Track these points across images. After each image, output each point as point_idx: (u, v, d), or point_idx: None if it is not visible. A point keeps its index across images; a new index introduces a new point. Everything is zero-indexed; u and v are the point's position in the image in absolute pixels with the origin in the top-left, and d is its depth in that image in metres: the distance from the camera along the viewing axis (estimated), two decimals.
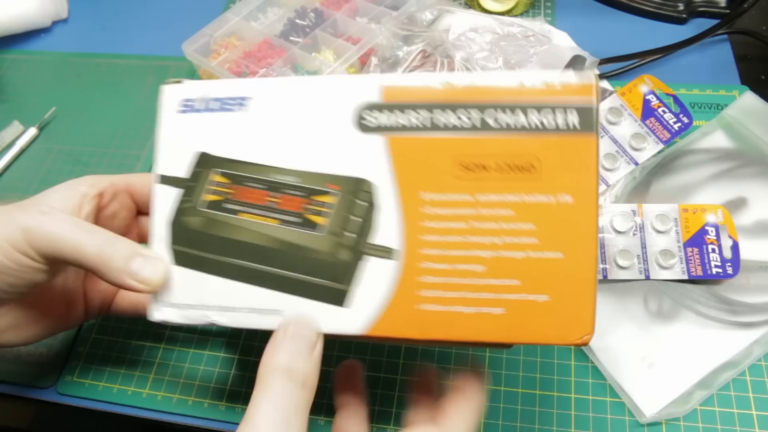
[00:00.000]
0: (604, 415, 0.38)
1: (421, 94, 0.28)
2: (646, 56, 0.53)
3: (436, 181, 0.28)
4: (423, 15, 0.54)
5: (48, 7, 0.65)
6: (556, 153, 0.27)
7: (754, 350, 0.38)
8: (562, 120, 0.27)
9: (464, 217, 0.27)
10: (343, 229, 0.29)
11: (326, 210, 0.29)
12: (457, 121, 0.28)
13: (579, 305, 0.26)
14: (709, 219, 0.41)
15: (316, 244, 0.29)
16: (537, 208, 0.27)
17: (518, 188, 0.27)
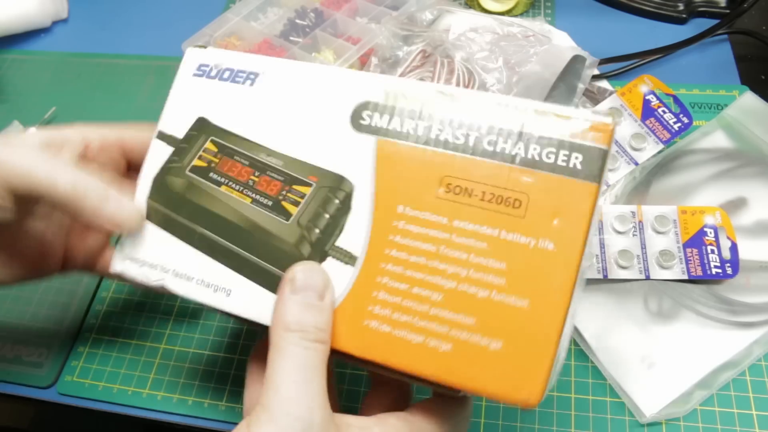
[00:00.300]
0: (604, 415, 0.38)
1: (423, 103, 0.27)
2: (646, 56, 0.53)
3: (415, 195, 0.26)
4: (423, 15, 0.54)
5: (48, 7, 0.65)
6: (547, 194, 0.25)
7: (754, 350, 0.38)
8: (563, 159, 0.25)
9: (435, 240, 0.26)
10: (312, 223, 0.28)
11: (300, 200, 0.28)
12: (451, 137, 0.26)
13: (533, 362, 0.24)
14: (708, 221, 0.41)
15: (282, 232, 0.28)
16: (513, 248, 0.25)
17: (498, 222, 0.25)
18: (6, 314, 0.46)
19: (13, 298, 0.46)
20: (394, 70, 0.49)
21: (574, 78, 0.48)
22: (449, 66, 0.46)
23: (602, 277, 0.41)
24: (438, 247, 0.25)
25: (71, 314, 0.45)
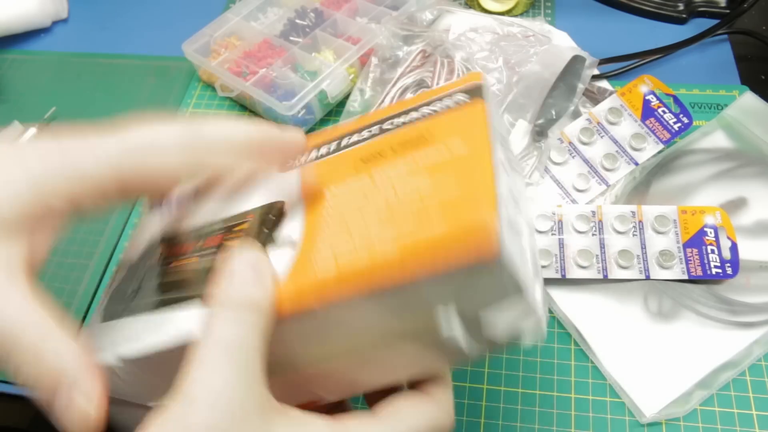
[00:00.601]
0: (604, 415, 0.38)
1: (335, 132, 0.30)
2: (646, 56, 0.53)
3: (337, 178, 0.27)
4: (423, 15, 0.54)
5: (48, 7, 0.65)
6: (445, 122, 0.27)
7: (754, 350, 0.38)
8: (450, 101, 0.28)
9: (362, 192, 0.26)
10: (256, 237, 0.27)
11: (242, 235, 0.27)
12: (359, 137, 0.29)
13: (475, 207, 0.23)
14: (708, 221, 0.41)
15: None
16: (431, 162, 0.25)
17: (410, 154, 0.26)
18: None
19: None
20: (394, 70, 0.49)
21: (574, 78, 0.48)
22: (449, 66, 0.46)
23: (602, 277, 0.41)
24: (366, 195, 0.26)
25: (71, 314, 0.45)
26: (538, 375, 0.39)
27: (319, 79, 0.50)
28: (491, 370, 0.40)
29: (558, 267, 0.41)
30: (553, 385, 0.39)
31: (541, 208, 0.43)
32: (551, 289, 0.42)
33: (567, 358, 0.40)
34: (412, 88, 0.47)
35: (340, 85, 0.52)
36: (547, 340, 0.41)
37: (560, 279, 0.41)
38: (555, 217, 0.43)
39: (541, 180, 0.46)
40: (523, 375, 0.39)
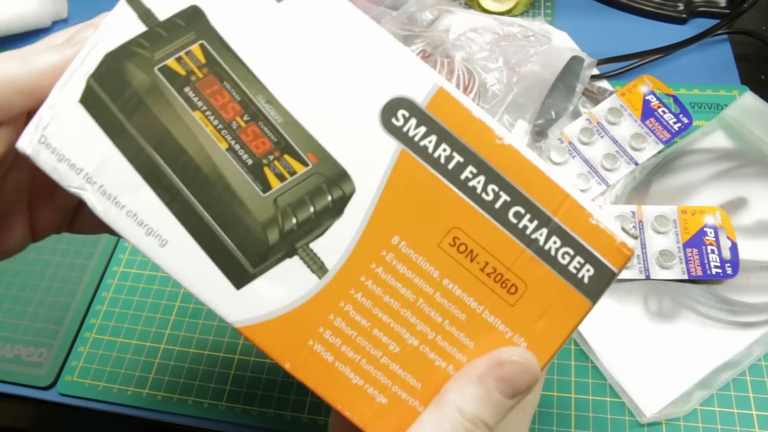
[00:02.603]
0: (604, 415, 0.38)
1: (471, 131, 0.23)
2: (646, 56, 0.53)
3: (417, 233, 0.23)
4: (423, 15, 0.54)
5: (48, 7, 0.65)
6: (545, 293, 0.23)
7: (754, 350, 0.38)
8: (576, 266, 0.23)
9: (417, 290, 0.23)
10: (292, 210, 0.23)
11: (288, 176, 0.23)
12: (481, 188, 0.23)
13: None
14: (708, 221, 0.41)
15: (253, 204, 0.23)
16: (489, 331, 0.23)
17: (487, 300, 0.23)
18: (6, 314, 0.46)
19: (13, 298, 0.46)
20: None
21: (573, 79, 0.48)
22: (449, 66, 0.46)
23: None
24: (417, 298, 0.23)
25: (71, 314, 0.45)
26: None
27: None
28: None
29: None
30: (553, 385, 0.39)
31: None
32: None
33: (567, 358, 0.40)
34: None
35: None
36: None
37: None
38: None
39: None
40: None
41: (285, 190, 0.23)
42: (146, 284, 0.46)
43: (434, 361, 0.23)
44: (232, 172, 0.23)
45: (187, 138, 0.23)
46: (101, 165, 0.23)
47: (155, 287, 0.46)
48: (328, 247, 0.23)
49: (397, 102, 0.23)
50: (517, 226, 0.22)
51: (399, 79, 0.23)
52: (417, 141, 0.23)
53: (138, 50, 0.23)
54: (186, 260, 0.23)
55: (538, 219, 0.22)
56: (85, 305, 0.45)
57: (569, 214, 0.22)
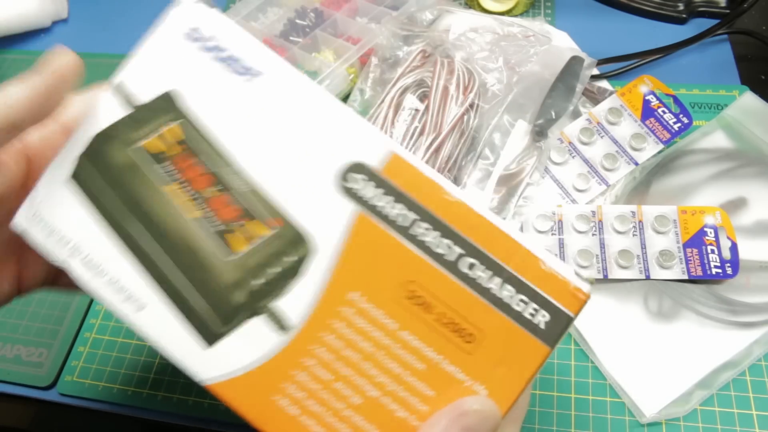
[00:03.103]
0: (604, 415, 0.38)
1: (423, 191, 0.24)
2: (646, 56, 0.53)
3: (374, 289, 0.23)
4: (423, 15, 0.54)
5: (48, 7, 0.65)
6: (502, 340, 0.23)
7: (754, 350, 0.38)
8: (531, 312, 0.23)
9: (376, 343, 0.23)
10: (258, 271, 0.24)
11: (253, 241, 0.24)
12: (435, 243, 0.23)
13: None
14: (708, 221, 0.41)
15: (221, 268, 0.24)
16: (448, 381, 0.23)
17: (445, 350, 0.23)
18: (6, 314, 0.46)
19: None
20: (394, 70, 0.49)
21: (573, 79, 0.48)
22: (449, 66, 0.46)
23: (602, 277, 0.41)
24: (377, 350, 0.23)
25: (71, 314, 0.45)
26: (538, 375, 0.39)
27: (319, 79, 0.50)
28: None
29: None
30: (553, 385, 0.39)
31: (541, 208, 0.43)
32: None
33: (567, 358, 0.40)
34: (412, 88, 0.47)
35: (340, 85, 0.52)
36: None
37: None
38: (555, 217, 0.43)
39: (541, 180, 0.46)
40: None
41: (250, 253, 0.24)
42: None
43: (395, 411, 0.23)
44: (203, 238, 0.24)
45: (163, 209, 0.25)
46: (87, 237, 0.25)
47: None
48: (291, 305, 0.24)
49: (352, 167, 0.24)
50: (471, 277, 0.23)
51: (354, 146, 0.24)
52: (372, 202, 0.24)
53: (123, 131, 0.25)
54: (160, 323, 0.24)
55: (492, 269, 0.23)
56: (85, 305, 0.45)
57: (521, 262, 0.23)
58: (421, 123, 0.45)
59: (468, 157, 0.46)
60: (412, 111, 0.46)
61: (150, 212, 0.25)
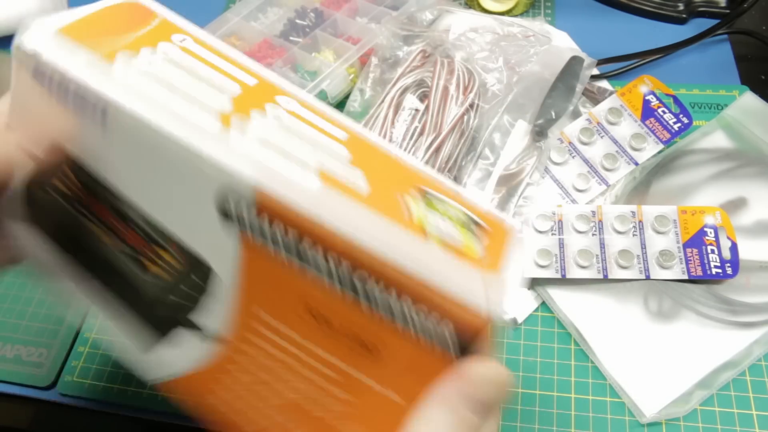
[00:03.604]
0: (604, 415, 0.38)
1: (295, 218, 0.22)
2: (646, 56, 0.53)
3: (276, 304, 0.23)
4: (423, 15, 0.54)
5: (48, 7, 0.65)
6: (405, 349, 0.22)
7: (754, 350, 0.38)
8: (432, 326, 0.21)
9: (287, 353, 0.24)
10: (170, 290, 0.26)
11: (162, 264, 0.25)
12: (320, 257, 0.22)
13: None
14: (708, 221, 0.41)
15: (141, 285, 0.26)
16: (360, 386, 0.23)
17: (351, 359, 0.23)
18: (6, 314, 0.46)
19: (13, 298, 0.46)
20: (394, 70, 0.49)
21: (573, 78, 0.48)
22: (449, 66, 0.46)
23: (602, 277, 0.41)
24: (288, 358, 0.24)
25: (71, 314, 0.45)
26: (538, 375, 0.39)
27: (319, 79, 0.50)
28: None
29: (558, 267, 0.41)
30: (553, 385, 0.39)
31: (541, 208, 0.43)
32: (551, 289, 0.42)
33: (567, 358, 0.40)
34: (412, 88, 0.47)
35: (340, 85, 0.52)
36: (547, 340, 0.41)
37: (560, 279, 0.41)
38: (555, 217, 0.43)
39: (541, 180, 0.46)
40: (523, 375, 0.39)
41: (161, 273, 0.26)
42: None
43: (311, 411, 0.25)
44: (122, 262, 0.26)
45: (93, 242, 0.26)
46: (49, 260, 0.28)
47: None
48: (209, 318, 0.25)
49: (227, 193, 0.22)
50: (364, 290, 0.22)
51: (227, 173, 0.22)
52: (253, 225, 0.22)
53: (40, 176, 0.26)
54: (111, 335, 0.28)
55: (384, 284, 0.22)
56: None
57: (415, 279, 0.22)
58: (421, 123, 0.45)
59: (468, 157, 0.46)
60: (412, 111, 0.46)
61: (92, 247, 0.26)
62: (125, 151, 0.23)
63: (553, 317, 0.41)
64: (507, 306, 0.22)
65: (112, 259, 0.26)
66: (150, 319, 0.27)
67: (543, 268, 0.41)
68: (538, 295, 0.42)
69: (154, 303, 0.26)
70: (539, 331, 0.41)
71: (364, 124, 0.46)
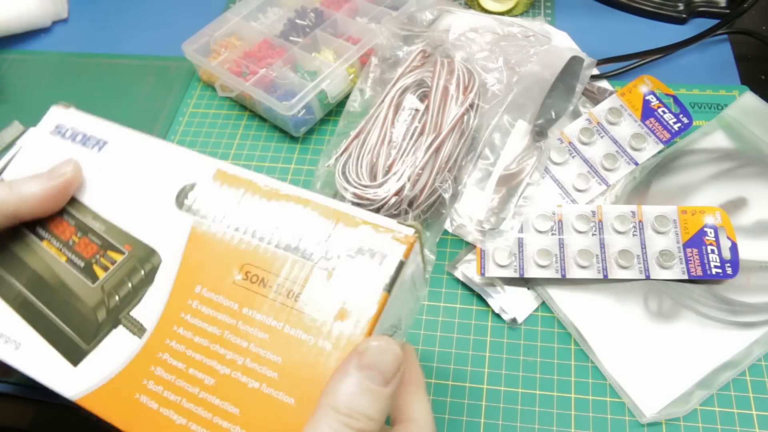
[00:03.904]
0: (604, 415, 0.38)
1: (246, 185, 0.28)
2: (646, 56, 0.53)
3: (215, 278, 0.27)
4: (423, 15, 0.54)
5: (48, 7, 0.65)
6: (337, 294, 0.25)
7: (754, 350, 0.38)
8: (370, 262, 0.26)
9: (222, 325, 0.26)
10: (114, 290, 0.29)
11: (111, 266, 0.29)
12: (261, 229, 0.27)
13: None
14: (708, 221, 0.41)
15: (85, 294, 0.29)
16: (293, 343, 0.25)
17: (285, 317, 0.25)
18: None
19: None
20: (394, 70, 0.49)
21: (573, 78, 0.48)
22: (449, 66, 0.46)
23: (602, 277, 0.41)
24: (223, 331, 0.26)
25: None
26: (538, 375, 0.39)
27: (319, 79, 0.50)
28: (491, 370, 0.40)
29: (558, 267, 0.41)
30: (553, 385, 0.39)
31: (541, 208, 0.43)
32: (551, 289, 0.42)
33: (567, 358, 0.40)
34: (412, 88, 0.47)
35: (340, 85, 0.52)
36: (547, 340, 0.41)
37: (560, 279, 0.41)
38: (555, 217, 0.43)
39: (541, 180, 0.46)
40: (523, 375, 0.39)
41: (108, 277, 0.29)
42: None
43: (247, 383, 0.25)
44: (70, 276, 0.30)
45: (36, 262, 0.30)
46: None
47: None
48: (145, 310, 0.28)
49: (185, 188, 0.29)
50: (299, 248, 0.26)
51: (184, 171, 0.30)
52: (203, 211, 0.28)
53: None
54: (36, 356, 0.29)
55: (319, 235, 0.26)
56: None
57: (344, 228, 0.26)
58: (421, 123, 0.45)
59: (468, 157, 0.46)
60: (412, 111, 0.46)
61: (25, 266, 0.30)
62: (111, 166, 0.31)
63: (553, 317, 0.41)
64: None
65: (58, 275, 0.30)
66: (87, 328, 0.29)
67: (543, 268, 0.41)
68: (538, 295, 0.42)
69: (94, 309, 0.29)
70: (539, 331, 0.41)
71: (365, 124, 0.46)
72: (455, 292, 0.43)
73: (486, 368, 0.40)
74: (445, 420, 0.38)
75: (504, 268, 0.42)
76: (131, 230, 0.30)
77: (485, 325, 0.42)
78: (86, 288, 0.29)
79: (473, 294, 0.43)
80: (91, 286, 0.29)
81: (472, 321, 0.42)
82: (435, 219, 0.45)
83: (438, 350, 0.41)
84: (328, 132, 0.53)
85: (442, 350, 0.41)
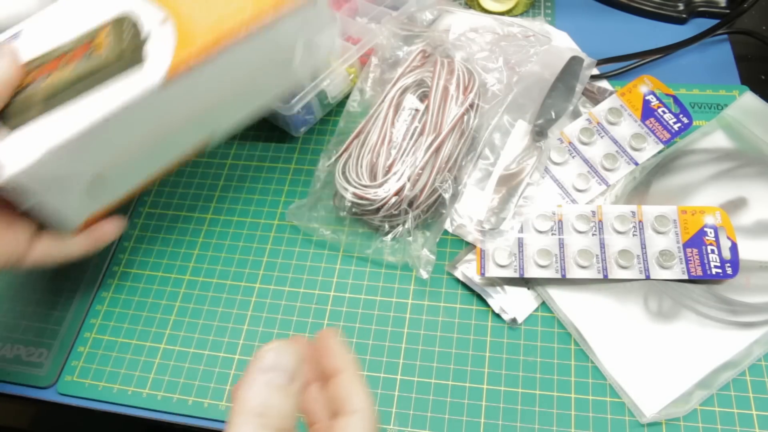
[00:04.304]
0: (604, 415, 0.38)
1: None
2: (646, 56, 0.53)
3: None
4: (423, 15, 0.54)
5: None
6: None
7: (754, 350, 0.38)
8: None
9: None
10: (121, 40, 0.35)
11: (105, 40, 0.35)
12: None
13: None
14: (708, 221, 0.41)
15: (106, 55, 0.35)
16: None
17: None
18: (6, 314, 0.46)
19: (13, 298, 0.46)
20: (394, 70, 0.49)
21: (572, 79, 0.48)
22: (449, 66, 0.46)
23: (602, 277, 0.41)
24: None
25: (71, 314, 0.45)
26: (538, 375, 0.39)
27: (319, 78, 0.50)
28: (491, 370, 0.40)
29: (558, 267, 0.41)
30: (553, 385, 0.39)
31: (541, 208, 0.43)
32: (551, 289, 0.42)
33: (567, 358, 0.40)
34: (412, 88, 0.47)
35: (340, 85, 0.52)
36: (547, 340, 0.41)
37: (560, 279, 0.41)
38: (555, 217, 0.43)
39: (541, 180, 0.46)
40: (523, 375, 0.39)
41: (109, 40, 0.35)
42: (146, 284, 0.46)
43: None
44: (82, 65, 0.35)
45: (51, 81, 0.35)
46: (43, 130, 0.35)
47: (155, 287, 0.46)
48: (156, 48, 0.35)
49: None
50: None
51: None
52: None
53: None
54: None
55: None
56: (85, 305, 0.45)
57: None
58: (421, 123, 0.45)
59: (468, 157, 0.46)
60: (412, 111, 0.46)
61: (51, 86, 0.35)
62: (38, 31, 0.42)
63: (553, 317, 0.41)
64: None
65: (76, 72, 0.35)
66: (127, 58, 0.35)
67: (543, 268, 0.41)
68: (538, 295, 0.42)
69: (119, 58, 0.34)
70: (539, 331, 0.41)
71: (365, 123, 0.46)
72: (455, 292, 0.43)
73: (486, 368, 0.40)
74: (445, 420, 0.38)
75: (504, 268, 0.42)
76: (95, 25, 0.36)
77: (485, 325, 0.42)
78: (101, 56, 0.35)
79: (473, 294, 0.43)
80: (102, 53, 0.35)
81: (472, 321, 0.42)
82: (435, 219, 0.45)
83: (438, 350, 0.41)
84: (328, 132, 0.53)
85: (442, 350, 0.41)
